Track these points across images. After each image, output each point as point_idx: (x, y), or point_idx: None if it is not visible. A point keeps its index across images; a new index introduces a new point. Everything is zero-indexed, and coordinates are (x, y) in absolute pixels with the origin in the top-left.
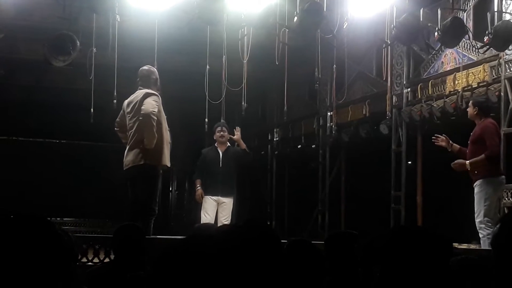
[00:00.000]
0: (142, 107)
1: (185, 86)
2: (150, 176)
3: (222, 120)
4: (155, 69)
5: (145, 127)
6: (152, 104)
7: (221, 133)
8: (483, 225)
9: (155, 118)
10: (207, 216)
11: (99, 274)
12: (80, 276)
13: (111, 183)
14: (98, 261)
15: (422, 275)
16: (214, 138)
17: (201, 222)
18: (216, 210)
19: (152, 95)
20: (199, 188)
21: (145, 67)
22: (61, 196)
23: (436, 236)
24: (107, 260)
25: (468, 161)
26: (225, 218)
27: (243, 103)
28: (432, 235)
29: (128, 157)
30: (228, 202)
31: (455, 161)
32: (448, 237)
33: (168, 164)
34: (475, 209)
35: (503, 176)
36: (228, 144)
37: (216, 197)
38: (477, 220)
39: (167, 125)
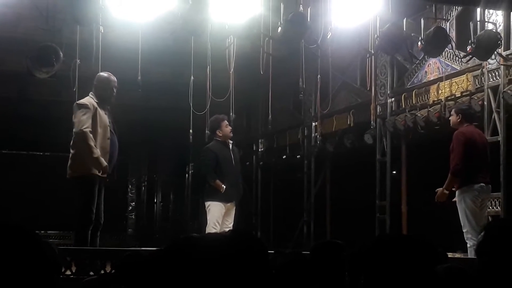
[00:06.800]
0: (74, 129)
1: (169, 96)
2: (79, 187)
3: (207, 131)
4: (111, 77)
5: (81, 145)
6: (81, 121)
7: (230, 127)
8: (469, 235)
9: (88, 131)
10: (217, 226)
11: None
12: None
13: None
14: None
15: (407, 282)
16: (220, 134)
17: (210, 232)
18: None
19: (81, 108)
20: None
21: (103, 73)
22: (45, 208)
23: (420, 243)
24: (91, 273)
25: (443, 188)
26: (230, 223)
27: (231, 113)
28: (416, 241)
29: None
30: (234, 207)
31: (436, 195)
32: (433, 244)
33: (100, 174)
34: (460, 220)
35: (482, 184)
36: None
37: (230, 203)
38: (464, 231)
39: (108, 134)
